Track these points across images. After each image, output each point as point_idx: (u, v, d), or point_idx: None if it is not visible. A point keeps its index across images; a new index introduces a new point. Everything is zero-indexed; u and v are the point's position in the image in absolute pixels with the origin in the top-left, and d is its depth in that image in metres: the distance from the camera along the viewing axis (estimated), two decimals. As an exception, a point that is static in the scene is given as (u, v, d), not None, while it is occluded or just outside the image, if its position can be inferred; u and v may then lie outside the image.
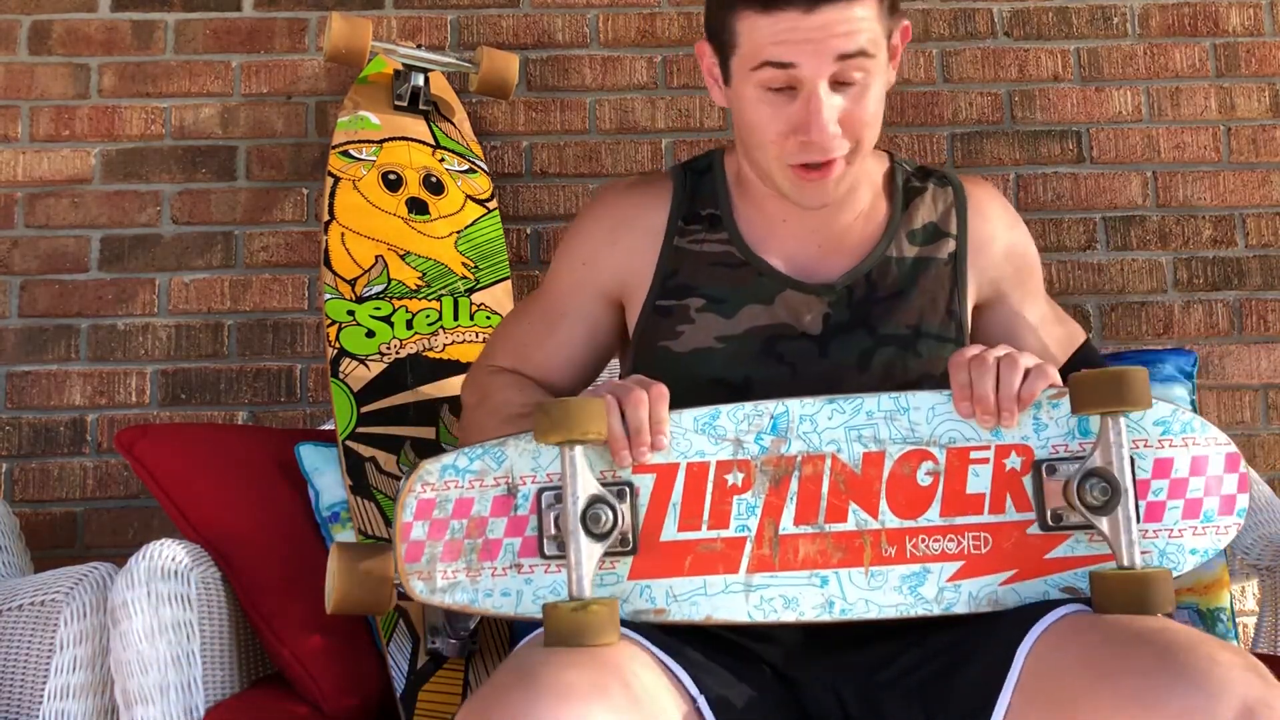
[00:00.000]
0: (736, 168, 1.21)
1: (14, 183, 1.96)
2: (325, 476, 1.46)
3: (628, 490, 0.94)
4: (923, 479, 0.95)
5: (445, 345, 1.61)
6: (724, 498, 0.94)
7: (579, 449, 0.91)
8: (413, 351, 1.59)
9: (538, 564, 0.95)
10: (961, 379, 0.98)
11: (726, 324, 1.15)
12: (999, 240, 1.22)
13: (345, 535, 1.42)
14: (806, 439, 0.95)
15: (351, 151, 1.73)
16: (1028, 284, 1.24)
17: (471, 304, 1.66)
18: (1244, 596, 1.79)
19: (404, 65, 1.81)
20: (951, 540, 0.95)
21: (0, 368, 1.91)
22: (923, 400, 0.96)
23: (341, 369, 1.54)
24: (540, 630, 0.97)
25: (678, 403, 1.01)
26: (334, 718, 1.29)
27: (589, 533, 0.90)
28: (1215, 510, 0.98)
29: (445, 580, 0.96)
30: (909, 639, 1.05)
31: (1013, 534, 0.96)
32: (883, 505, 0.94)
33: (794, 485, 0.94)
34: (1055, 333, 1.25)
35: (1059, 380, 0.99)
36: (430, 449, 1.51)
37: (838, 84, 1.06)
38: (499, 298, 1.69)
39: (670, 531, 0.94)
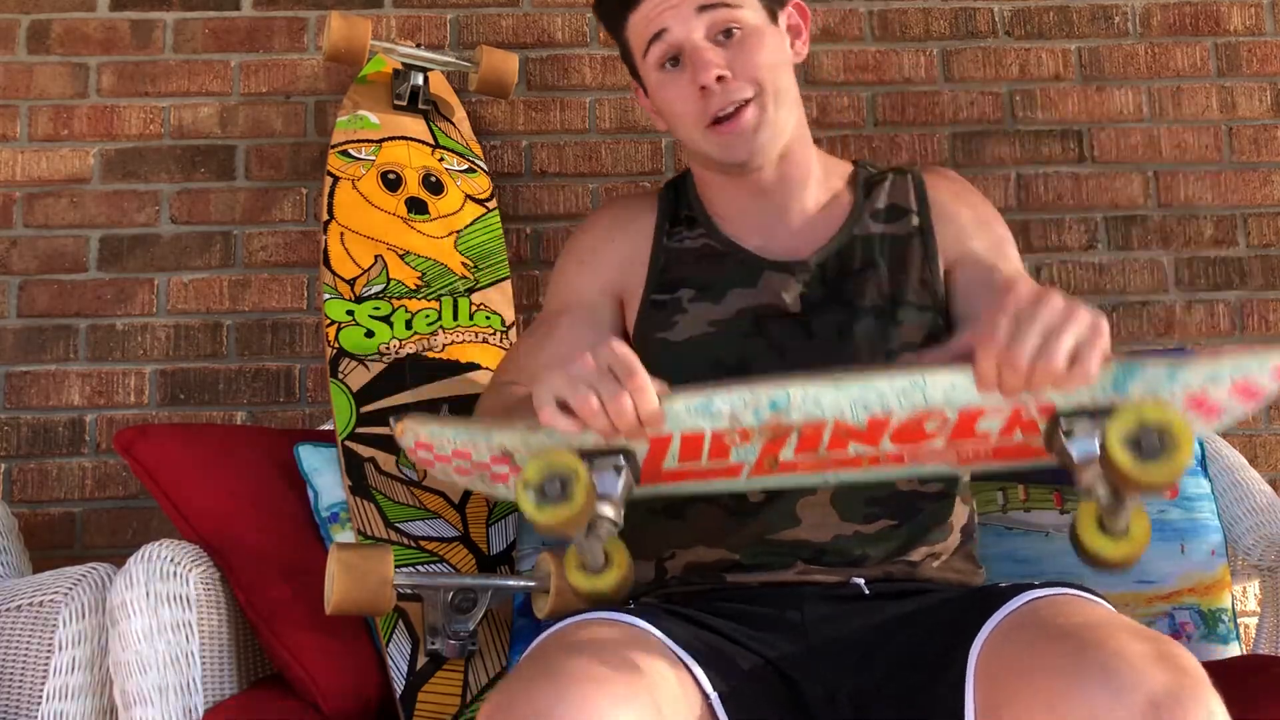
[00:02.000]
0: (703, 183, 1.28)
1: (12, 182, 1.96)
2: (324, 477, 1.46)
3: (623, 456, 0.89)
4: (929, 426, 0.88)
5: (445, 345, 1.61)
6: (722, 448, 0.90)
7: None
8: (412, 351, 1.58)
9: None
10: (1000, 334, 0.82)
11: (716, 309, 1.20)
12: (960, 205, 1.26)
13: (345, 536, 1.42)
14: (808, 413, 0.87)
15: (350, 151, 1.73)
16: (1002, 248, 1.25)
17: (471, 304, 1.66)
18: (1245, 597, 1.79)
19: (403, 64, 1.80)
20: (952, 453, 0.91)
21: (-1, 368, 1.91)
22: (941, 379, 0.85)
23: (341, 369, 1.54)
24: (554, 629, 0.98)
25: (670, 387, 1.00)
26: (333, 718, 1.29)
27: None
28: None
29: (463, 483, 0.96)
30: (894, 646, 1.05)
31: (1016, 446, 0.90)
32: (884, 441, 0.89)
33: (794, 437, 0.89)
34: None
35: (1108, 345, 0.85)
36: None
37: (716, 37, 1.15)
38: (498, 298, 1.69)
39: (670, 465, 0.91)
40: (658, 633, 0.98)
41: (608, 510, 0.86)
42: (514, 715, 0.82)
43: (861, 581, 1.12)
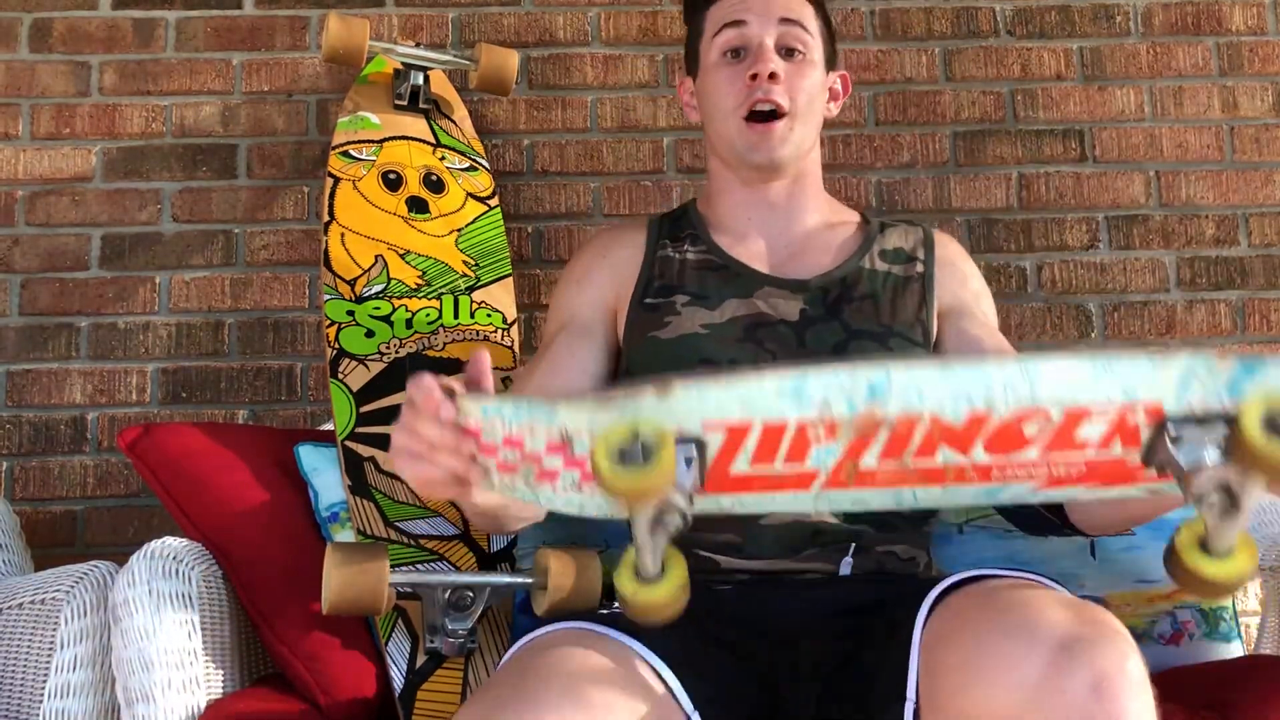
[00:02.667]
0: (707, 203, 1.37)
1: (15, 181, 1.96)
2: (324, 476, 1.46)
3: (695, 446, 0.80)
4: (1028, 429, 0.81)
5: (445, 344, 1.61)
6: (803, 445, 0.81)
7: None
8: (412, 350, 1.58)
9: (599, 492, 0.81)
10: None
11: (710, 314, 1.24)
12: (959, 265, 1.33)
13: (345, 535, 1.42)
14: (906, 403, 0.79)
15: (351, 152, 1.73)
16: (990, 314, 1.33)
17: (472, 302, 1.66)
18: (1246, 596, 1.78)
19: (403, 64, 1.80)
20: (1042, 469, 0.83)
21: (0, 366, 1.91)
22: (1054, 368, 0.79)
23: (341, 369, 1.54)
24: (540, 632, 0.98)
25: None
26: (333, 717, 1.29)
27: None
28: None
29: (503, 484, 0.86)
30: (859, 637, 1.07)
31: (1110, 464, 0.83)
32: (977, 447, 0.82)
33: (883, 434, 0.80)
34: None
35: None
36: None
37: (781, 49, 1.27)
38: (499, 296, 1.69)
39: (740, 467, 0.82)
40: (634, 644, 0.97)
41: (679, 500, 0.77)
42: None
43: (850, 562, 1.16)
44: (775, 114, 1.25)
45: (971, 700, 0.84)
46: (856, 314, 1.24)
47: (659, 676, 0.96)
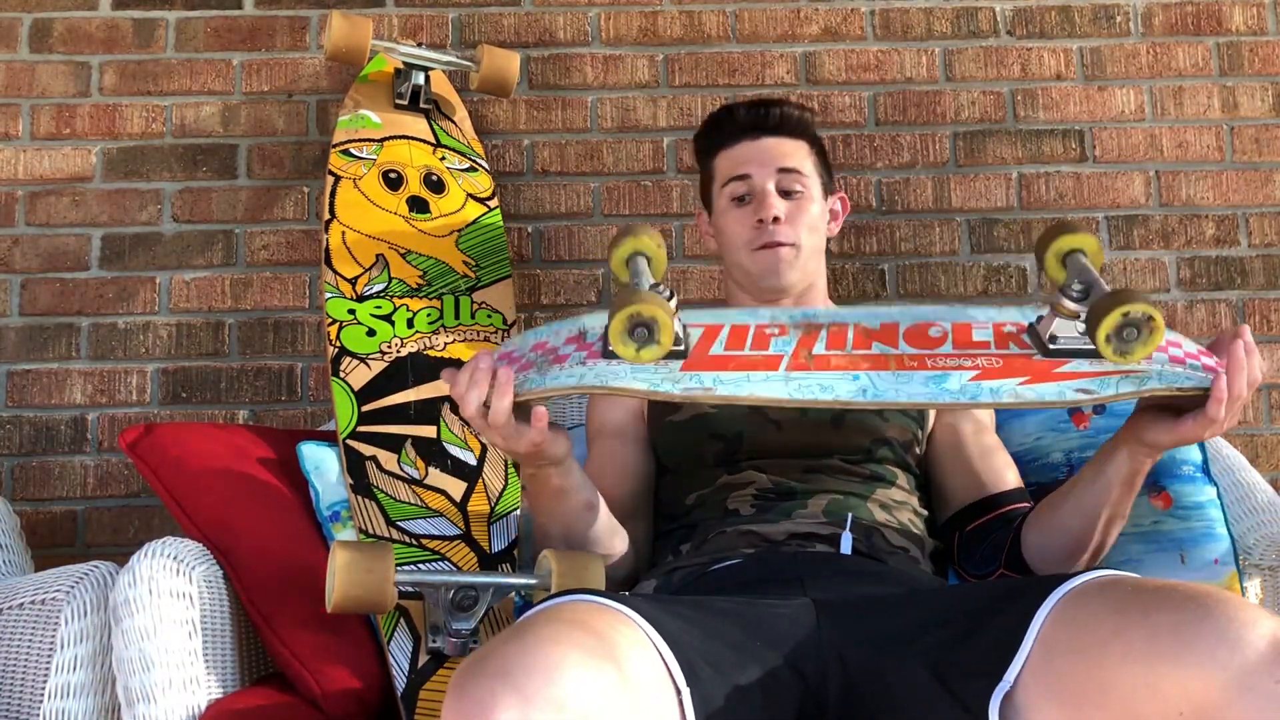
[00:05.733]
0: (731, 294, 1.55)
1: (15, 181, 1.96)
2: (326, 475, 1.46)
3: (673, 294, 1.10)
4: (933, 332, 1.10)
5: (446, 344, 1.61)
6: (763, 339, 1.09)
7: (641, 261, 1.13)
8: (413, 350, 1.58)
9: (600, 360, 1.08)
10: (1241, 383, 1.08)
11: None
12: None
13: (346, 534, 1.42)
14: (832, 318, 1.12)
15: (352, 150, 1.73)
16: (985, 410, 1.45)
17: (473, 302, 1.66)
18: (1246, 597, 1.78)
19: (404, 64, 1.80)
20: (966, 359, 1.08)
21: (1, 366, 1.91)
22: (936, 312, 1.12)
23: (342, 368, 1.54)
24: (540, 607, 0.99)
25: (683, 460, 1.40)
26: (334, 716, 1.29)
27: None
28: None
29: (518, 381, 1.09)
30: (921, 606, 1.11)
31: (1021, 358, 1.08)
32: (901, 343, 1.09)
33: (823, 334, 1.10)
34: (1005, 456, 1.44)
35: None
36: (431, 447, 1.51)
37: (782, 192, 1.46)
38: (500, 296, 1.69)
39: (717, 349, 1.09)
40: (639, 619, 0.99)
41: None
42: (482, 669, 0.86)
43: (849, 539, 1.26)
44: (778, 243, 1.44)
45: (1154, 684, 0.86)
46: None
47: (656, 650, 0.98)
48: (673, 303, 1.08)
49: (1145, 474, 1.20)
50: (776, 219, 1.43)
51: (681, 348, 1.08)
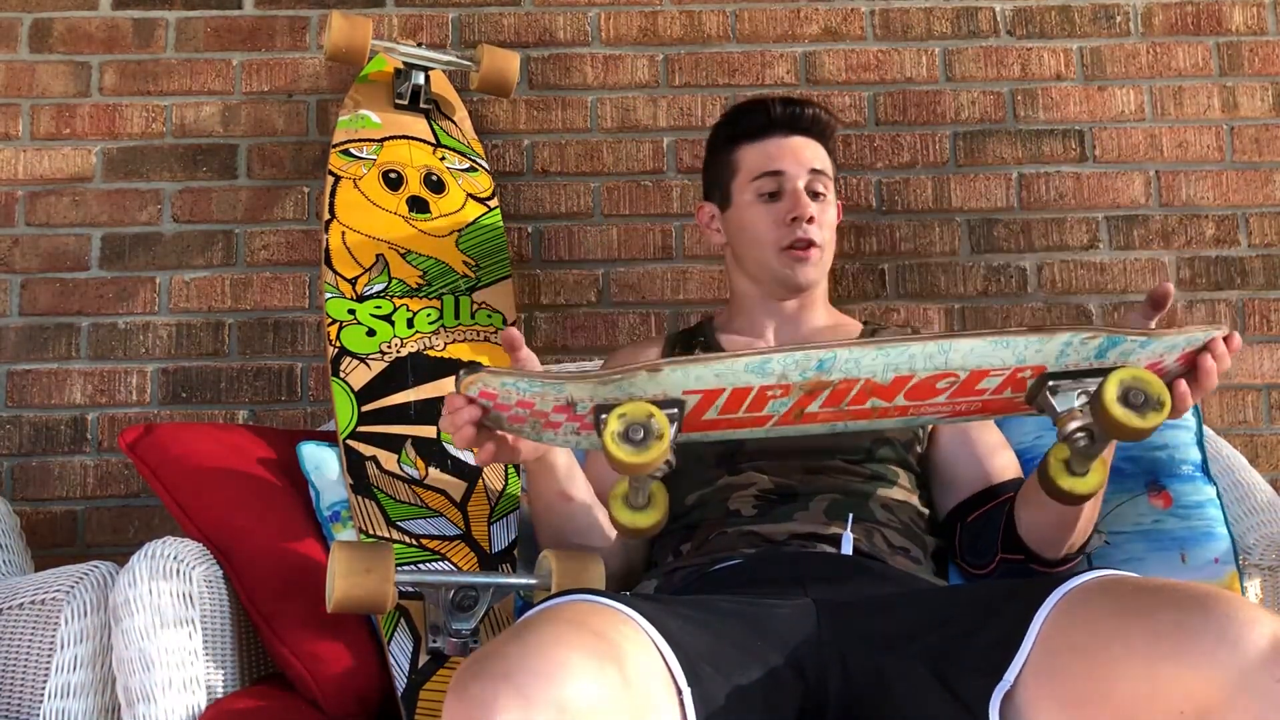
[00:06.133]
0: (724, 316, 1.58)
1: (15, 181, 1.96)
2: (326, 476, 1.46)
3: (677, 408, 1.00)
4: (940, 384, 1.04)
5: (446, 344, 1.61)
6: (762, 400, 1.03)
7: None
8: (413, 350, 1.59)
9: (594, 432, 1.02)
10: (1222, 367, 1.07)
11: None
12: None
13: (346, 534, 1.42)
14: (847, 371, 1.01)
15: (352, 150, 1.73)
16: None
17: (473, 302, 1.66)
18: (1246, 596, 1.78)
19: (404, 64, 1.80)
20: (948, 407, 1.07)
21: (1, 366, 1.91)
22: (965, 345, 1.00)
23: (342, 368, 1.54)
24: (541, 606, 0.99)
25: (684, 460, 1.22)
26: (334, 717, 1.29)
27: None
28: None
29: (512, 429, 1.08)
30: (921, 606, 1.11)
31: (1003, 402, 1.06)
32: (899, 397, 1.04)
33: (826, 392, 1.03)
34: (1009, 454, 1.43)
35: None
36: (431, 447, 1.51)
37: (810, 193, 1.47)
38: (500, 296, 1.69)
39: (710, 415, 1.04)
40: (640, 619, 0.99)
41: (669, 457, 0.98)
42: (483, 669, 0.86)
43: (850, 539, 1.26)
44: (810, 243, 1.46)
45: (1155, 683, 0.87)
46: None
47: (659, 652, 0.97)
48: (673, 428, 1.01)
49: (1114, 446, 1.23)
50: (811, 218, 1.45)
51: (671, 460, 1.02)
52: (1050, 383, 1.01)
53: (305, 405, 1.91)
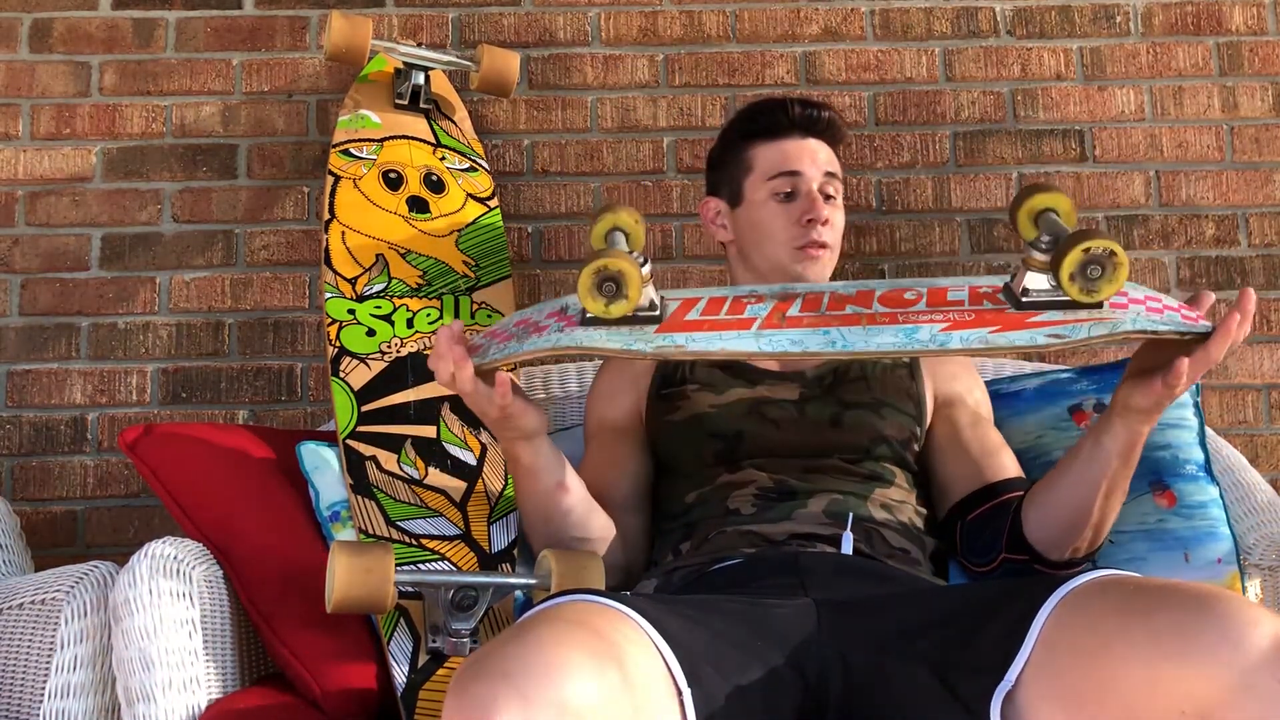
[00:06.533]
0: None
1: (14, 181, 1.96)
2: (325, 475, 1.46)
3: (647, 260, 1.11)
4: (908, 295, 1.12)
5: (446, 344, 1.60)
6: (739, 305, 1.11)
7: (619, 235, 1.17)
8: (413, 350, 1.59)
9: (577, 328, 1.11)
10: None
11: (717, 398, 1.43)
12: (953, 365, 1.51)
13: (346, 534, 1.42)
14: (809, 289, 1.13)
15: (352, 150, 1.73)
16: (982, 404, 1.49)
17: (472, 302, 1.66)
18: (1247, 596, 1.78)
19: (404, 64, 1.80)
20: (939, 313, 1.10)
21: (1, 366, 1.91)
22: (913, 281, 1.14)
23: (342, 368, 1.54)
24: (541, 606, 0.99)
25: (682, 459, 1.42)
26: (334, 716, 1.29)
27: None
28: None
29: (496, 351, 1.13)
30: (922, 606, 1.11)
31: (993, 311, 1.10)
32: (874, 303, 1.11)
33: (798, 301, 1.12)
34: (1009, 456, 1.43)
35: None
36: (431, 447, 1.51)
37: (824, 195, 1.49)
38: (500, 296, 1.69)
39: (692, 315, 1.11)
40: (640, 619, 0.99)
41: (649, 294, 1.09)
42: (483, 669, 0.86)
43: (850, 539, 1.26)
44: (823, 245, 1.48)
45: (1157, 683, 0.87)
46: (850, 391, 1.42)
47: (659, 652, 0.97)
48: (646, 268, 1.10)
49: (1141, 446, 1.22)
50: (826, 220, 1.47)
51: (656, 312, 1.11)
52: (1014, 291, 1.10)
53: (305, 405, 1.91)
